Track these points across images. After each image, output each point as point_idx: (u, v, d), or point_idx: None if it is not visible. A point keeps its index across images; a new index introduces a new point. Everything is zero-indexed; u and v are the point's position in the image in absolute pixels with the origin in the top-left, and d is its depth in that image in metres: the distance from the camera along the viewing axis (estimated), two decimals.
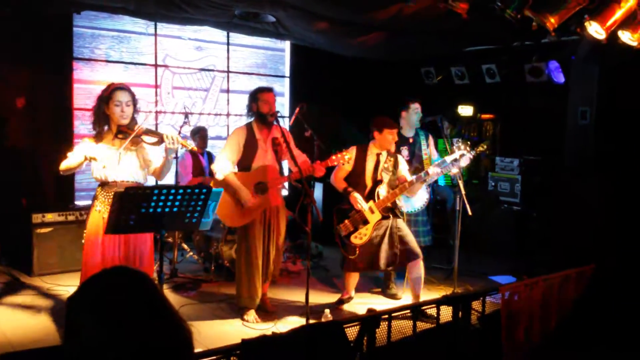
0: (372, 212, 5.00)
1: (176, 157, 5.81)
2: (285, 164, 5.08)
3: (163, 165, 4.09)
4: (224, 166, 4.79)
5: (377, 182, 5.08)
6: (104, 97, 3.99)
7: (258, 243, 4.80)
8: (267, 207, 4.84)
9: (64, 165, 3.96)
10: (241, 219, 4.81)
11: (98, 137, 4.03)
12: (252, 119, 4.92)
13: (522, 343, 4.11)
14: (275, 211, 4.91)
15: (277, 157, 4.89)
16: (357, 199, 4.96)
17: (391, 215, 5.09)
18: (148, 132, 3.99)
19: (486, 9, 5.18)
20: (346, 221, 5.01)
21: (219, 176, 4.77)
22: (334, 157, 4.71)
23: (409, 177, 5.13)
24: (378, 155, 5.15)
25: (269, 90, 4.91)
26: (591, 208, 6.51)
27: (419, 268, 5.07)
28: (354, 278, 5.30)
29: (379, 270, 5.45)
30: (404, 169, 5.24)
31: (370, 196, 5.04)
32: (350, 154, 5.00)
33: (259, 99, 4.82)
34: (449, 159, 5.09)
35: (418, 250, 5.07)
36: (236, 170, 4.89)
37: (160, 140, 3.93)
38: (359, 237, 5.00)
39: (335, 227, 5.05)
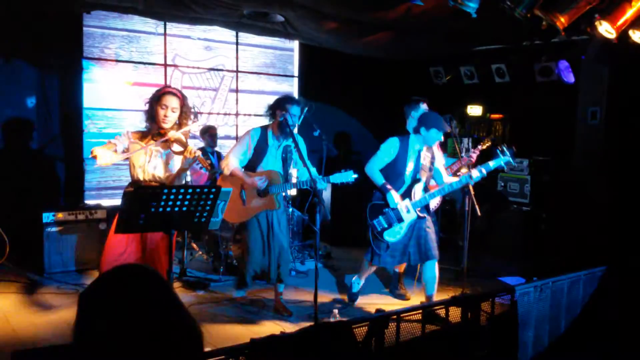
0: (407, 211, 4.89)
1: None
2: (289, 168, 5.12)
3: (177, 175, 4.14)
4: (231, 162, 4.82)
5: (415, 180, 4.96)
6: (154, 97, 4.11)
7: (256, 245, 4.87)
8: (268, 209, 4.86)
9: (94, 151, 4.01)
10: (242, 215, 4.86)
11: (144, 134, 4.15)
12: (270, 123, 4.93)
13: (532, 344, 4.10)
14: (277, 215, 4.93)
15: (284, 165, 4.92)
16: (395, 197, 4.85)
17: (426, 215, 5.01)
18: (178, 140, 4.05)
19: (496, 8, 5.16)
20: (380, 217, 4.92)
21: (226, 171, 4.81)
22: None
23: (444, 174, 5.06)
24: (419, 151, 4.99)
25: (299, 103, 4.93)
26: (601, 208, 6.47)
27: (433, 269, 5.03)
28: (372, 271, 5.27)
29: (404, 264, 5.34)
30: (440, 165, 5.11)
31: (407, 194, 4.93)
32: (389, 146, 4.93)
33: (288, 110, 4.74)
34: (492, 164, 4.93)
35: (436, 252, 5.01)
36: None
37: (184, 151, 3.99)
38: (393, 235, 4.92)
39: (369, 223, 4.96)
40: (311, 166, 4.70)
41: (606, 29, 4.82)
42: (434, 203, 5.49)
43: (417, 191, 4.95)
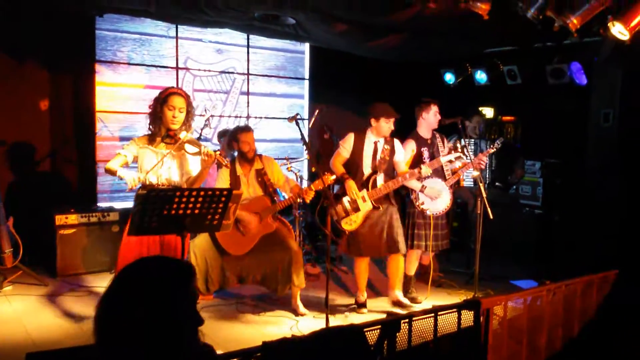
0: (364, 200, 5.08)
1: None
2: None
3: (198, 177, 4.15)
4: None
5: (374, 171, 5.15)
6: (160, 99, 4.11)
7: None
8: (267, 232, 4.97)
9: (108, 166, 4.10)
10: (245, 246, 4.95)
11: (150, 137, 4.14)
12: (235, 156, 5.16)
13: (544, 349, 4.07)
14: (273, 233, 5.02)
15: (264, 187, 5.06)
16: (351, 187, 5.05)
17: (387, 205, 5.17)
18: (191, 141, 4.06)
19: (508, 9, 5.15)
20: (339, 206, 5.07)
21: None
22: (319, 180, 4.64)
23: (402, 168, 5.27)
24: (376, 143, 5.20)
25: (249, 130, 5.14)
26: (614, 211, 6.42)
27: (397, 263, 5.25)
28: (364, 273, 5.30)
29: (380, 256, 5.48)
30: (398, 158, 5.30)
31: (365, 185, 5.12)
32: (346, 141, 5.20)
33: (239, 139, 5.05)
34: (443, 159, 5.29)
35: (401, 245, 5.18)
36: None
37: (199, 152, 4.00)
38: (349, 223, 5.09)
39: (329, 211, 5.05)
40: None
41: (619, 30, 4.80)
42: (444, 205, 5.46)
43: (376, 182, 5.13)
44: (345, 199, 5.09)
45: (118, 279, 1.53)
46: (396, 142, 5.31)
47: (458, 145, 5.30)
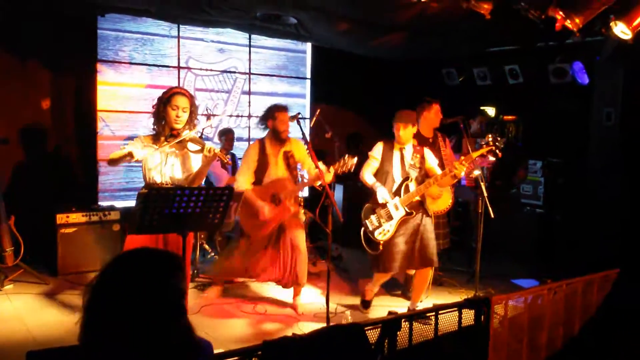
0: (396, 208, 4.90)
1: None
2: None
3: (198, 174, 4.15)
4: (241, 184, 4.99)
5: (405, 178, 4.98)
6: (163, 99, 4.13)
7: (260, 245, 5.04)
8: (284, 218, 4.98)
9: (111, 155, 4.09)
10: (261, 230, 4.98)
11: (155, 137, 4.16)
12: (265, 134, 5.13)
13: (545, 348, 4.07)
14: (289, 220, 5.05)
15: (289, 169, 5.06)
16: (382, 193, 4.91)
17: (421, 214, 4.98)
18: (194, 139, 4.07)
19: (510, 9, 5.14)
20: (371, 216, 4.96)
21: (240, 188, 4.99)
22: (340, 162, 4.59)
23: (437, 173, 5.02)
24: (401, 150, 5.05)
25: (286, 109, 5.11)
26: (616, 211, 6.41)
27: (427, 275, 5.06)
28: (382, 281, 5.21)
29: (411, 269, 5.26)
30: (433, 164, 5.09)
31: (397, 193, 4.95)
32: (375, 150, 5.09)
33: (276, 117, 5.02)
34: (475, 154, 4.94)
35: (434, 257, 4.96)
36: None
37: (201, 149, 4.00)
38: (383, 234, 4.89)
39: (362, 223, 5.00)
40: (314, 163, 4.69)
41: (622, 30, 4.78)
42: (446, 204, 5.46)
43: (408, 188, 4.94)
44: (378, 210, 4.96)
45: (102, 270, 1.55)
46: (426, 150, 5.12)
47: (489, 139, 4.90)
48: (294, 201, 5.09)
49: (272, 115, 5.05)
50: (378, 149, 5.09)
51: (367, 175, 5.07)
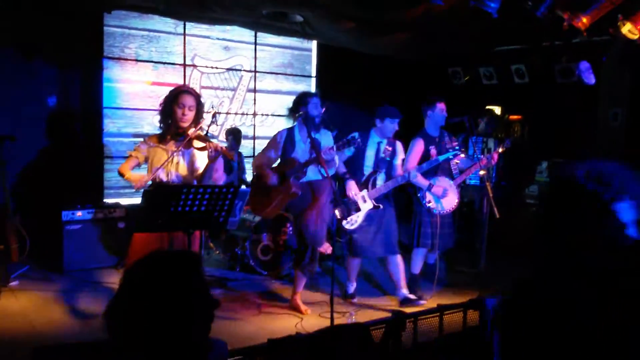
0: (364, 200, 5.14)
1: None
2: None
3: (205, 172, 4.14)
4: (261, 159, 5.01)
5: (373, 172, 5.21)
6: (169, 97, 4.12)
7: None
8: (287, 195, 4.88)
9: (120, 170, 4.14)
10: (265, 206, 4.95)
11: (161, 136, 4.16)
12: (295, 122, 5.03)
13: None
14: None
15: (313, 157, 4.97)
16: (351, 187, 5.11)
17: (387, 206, 5.24)
18: (199, 137, 4.07)
19: (516, 8, 5.12)
20: (341, 207, 5.11)
21: (253, 166, 5.08)
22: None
23: (399, 170, 5.32)
24: (379, 143, 5.29)
25: (317, 95, 5.07)
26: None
27: (396, 263, 5.30)
28: (356, 266, 5.44)
29: (376, 256, 5.58)
30: (400, 159, 5.36)
31: (365, 184, 5.18)
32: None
33: (308, 103, 4.92)
34: (441, 157, 5.31)
35: (396, 246, 5.29)
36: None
37: (207, 147, 4.00)
38: (350, 223, 5.15)
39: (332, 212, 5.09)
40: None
41: (629, 30, 4.77)
42: (452, 204, 5.45)
43: (376, 182, 5.21)
44: (348, 201, 5.12)
45: (124, 276, 1.55)
46: (398, 143, 5.37)
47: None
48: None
49: (303, 102, 4.94)
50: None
51: (340, 165, 5.19)
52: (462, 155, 5.65)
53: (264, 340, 2.65)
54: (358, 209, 5.13)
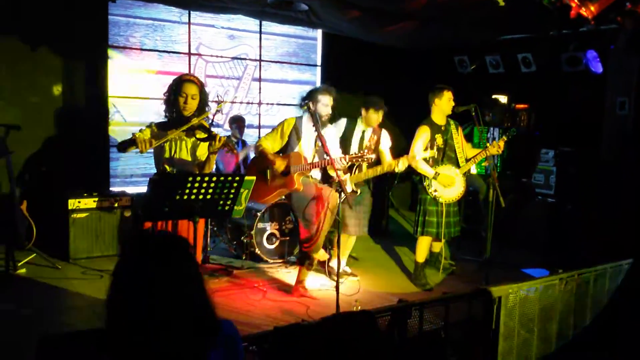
0: (347, 185, 5.21)
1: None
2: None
3: (206, 162, 4.15)
4: (263, 143, 5.06)
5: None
6: (172, 86, 4.14)
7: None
8: (288, 188, 4.96)
9: (120, 141, 4.11)
10: (262, 194, 5.04)
11: (166, 124, 4.17)
12: (304, 114, 5.06)
13: (556, 338, 4.05)
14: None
15: (319, 154, 5.04)
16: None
17: (365, 191, 5.57)
18: (202, 127, 4.07)
19: None
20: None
21: (256, 149, 5.10)
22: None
23: (387, 158, 5.51)
24: (363, 131, 5.57)
25: (331, 92, 5.05)
26: (629, 200, 6.35)
27: (351, 241, 5.74)
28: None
29: (349, 234, 5.71)
30: (385, 147, 5.60)
31: (350, 170, 5.34)
32: (339, 124, 5.56)
33: (319, 100, 4.97)
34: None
35: (366, 229, 5.69)
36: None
37: (209, 137, 4.01)
38: None
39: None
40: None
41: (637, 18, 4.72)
42: (457, 193, 5.44)
43: (361, 168, 5.42)
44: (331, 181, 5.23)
45: (116, 266, 1.56)
46: (384, 132, 5.58)
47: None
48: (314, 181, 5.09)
49: (314, 98, 5.00)
50: (342, 123, 5.58)
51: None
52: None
53: (270, 328, 2.65)
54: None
